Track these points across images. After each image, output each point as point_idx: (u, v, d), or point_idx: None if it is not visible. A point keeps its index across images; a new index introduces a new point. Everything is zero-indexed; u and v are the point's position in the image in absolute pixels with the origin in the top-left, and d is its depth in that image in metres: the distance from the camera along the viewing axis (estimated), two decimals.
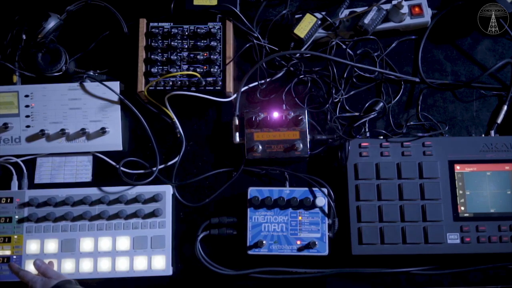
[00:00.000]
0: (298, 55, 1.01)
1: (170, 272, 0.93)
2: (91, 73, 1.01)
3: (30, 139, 0.98)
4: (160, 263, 0.93)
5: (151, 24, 0.99)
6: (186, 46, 0.98)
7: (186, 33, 0.98)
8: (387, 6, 0.99)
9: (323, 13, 0.99)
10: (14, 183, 0.98)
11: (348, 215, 0.92)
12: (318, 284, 0.93)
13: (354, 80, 1.01)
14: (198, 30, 0.98)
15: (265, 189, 0.93)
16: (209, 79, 0.97)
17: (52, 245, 0.94)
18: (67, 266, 0.93)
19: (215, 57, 0.97)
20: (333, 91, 0.99)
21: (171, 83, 0.97)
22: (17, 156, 0.99)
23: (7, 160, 0.99)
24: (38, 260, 0.90)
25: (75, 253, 0.94)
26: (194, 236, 0.94)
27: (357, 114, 0.99)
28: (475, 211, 0.91)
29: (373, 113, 0.99)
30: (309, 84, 1.01)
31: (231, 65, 0.99)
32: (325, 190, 0.93)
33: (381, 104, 0.99)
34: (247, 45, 1.01)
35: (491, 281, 0.92)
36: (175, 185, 0.98)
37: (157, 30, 0.98)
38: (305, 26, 0.98)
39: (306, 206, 0.92)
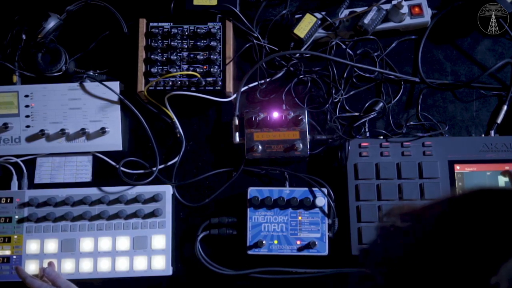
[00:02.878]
0: (298, 55, 1.01)
1: (170, 272, 0.93)
2: (91, 73, 1.01)
3: (30, 139, 0.98)
4: (160, 263, 0.93)
5: (151, 24, 0.99)
6: (186, 46, 0.98)
7: (186, 33, 0.98)
8: (387, 6, 0.99)
9: (323, 13, 0.99)
10: (14, 183, 0.97)
11: (348, 215, 0.92)
12: (318, 284, 0.93)
13: (354, 80, 1.01)
14: (198, 30, 0.98)
15: (265, 189, 0.93)
16: (209, 79, 0.97)
17: (52, 245, 0.94)
18: (67, 266, 0.93)
19: (215, 57, 0.97)
20: (333, 91, 0.99)
21: (171, 83, 0.97)
22: (17, 156, 0.99)
23: (7, 160, 0.99)
24: (48, 268, 0.90)
25: (75, 253, 0.94)
26: (194, 236, 0.94)
27: (357, 114, 0.99)
28: None
29: (373, 113, 0.99)
30: (309, 84, 1.01)
31: (231, 65, 0.99)
32: (325, 190, 0.93)
33: (381, 104, 0.99)
34: (247, 45, 1.01)
35: None
36: (175, 185, 0.98)
37: (157, 30, 0.98)
38: (305, 26, 0.98)
39: (306, 206, 0.92)
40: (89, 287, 0.93)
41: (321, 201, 0.92)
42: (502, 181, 0.92)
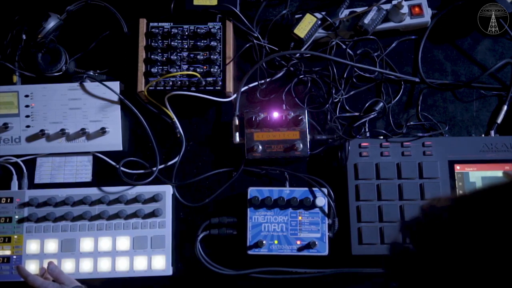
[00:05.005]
0: (298, 55, 1.01)
1: (170, 272, 0.93)
2: (91, 73, 1.01)
3: (30, 139, 0.98)
4: (160, 263, 0.93)
5: (151, 24, 0.99)
6: (186, 46, 0.98)
7: (186, 33, 0.98)
8: (387, 6, 0.99)
9: (323, 13, 0.99)
10: (14, 183, 0.98)
11: (348, 215, 0.92)
12: (318, 284, 0.93)
13: (354, 80, 1.01)
14: (198, 30, 0.98)
15: (265, 189, 0.93)
16: (209, 79, 0.97)
17: (52, 245, 0.94)
18: (67, 266, 0.93)
19: (215, 57, 0.97)
20: (333, 91, 0.99)
21: (171, 83, 0.97)
22: (17, 156, 0.99)
23: (7, 160, 0.99)
24: (51, 264, 0.90)
25: (75, 253, 0.94)
26: (194, 236, 0.94)
27: (357, 114, 0.99)
28: None
29: (373, 113, 0.99)
30: (309, 84, 1.01)
31: (231, 65, 0.99)
32: (325, 190, 0.93)
33: (381, 104, 0.99)
34: (247, 45, 1.01)
35: None
36: (175, 185, 0.98)
37: (157, 30, 0.98)
38: (305, 26, 0.98)
39: (306, 206, 0.92)
40: (89, 287, 0.93)
41: (321, 201, 0.92)
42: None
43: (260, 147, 0.95)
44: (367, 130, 0.98)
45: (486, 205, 0.44)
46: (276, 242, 0.91)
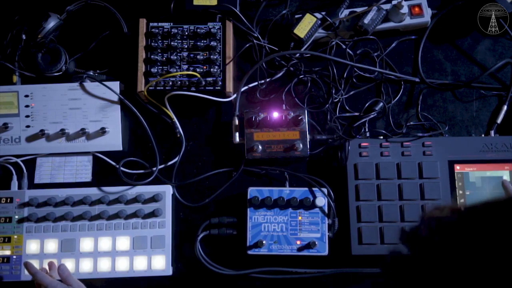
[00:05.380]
0: (298, 55, 1.01)
1: (170, 272, 0.93)
2: (91, 73, 1.01)
3: (30, 139, 0.98)
4: (160, 263, 0.93)
5: (151, 24, 0.99)
6: (186, 46, 0.98)
7: (186, 33, 0.98)
8: (387, 6, 0.99)
9: (323, 13, 0.99)
10: (14, 183, 0.98)
11: (348, 215, 0.92)
12: (318, 284, 0.93)
13: (354, 80, 1.01)
14: (198, 30, 0.98)
15: (265, 189, 0.93)
16: (209, 79, 0.97)
17: (52, 245, 0.94)
18: (67, 266, 0.92)
19: (215, 57, 0.97)
20: (333, 91, 0.99)
21: (171, 83, 0.97)
22: (17, 156, 0.99)
23: (7, 160, 0.99)
24: (62, 265, 0.90)
25: (75, 253, 0.94)
26: (194, 236, 0.94)
27: (357, 114, 0.99)
28: None
29: (373, 113, 0.99)
30: (309, 84, 1.01)
31: (231, 65, 0.99)
32: (325, 190, 0.93)
33: (381, 104, 0.99)
34: (247, 45, 1.01)
35: None
36: (175, 185, 0.98)
37: (157, 30, 0.98)
38: (305, 26, 0.98)
39: (306, 206, 0.92)
40: (89, 287, 0.93)
41: (321, 201, 0.92)
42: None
43: (260, 147, 0.95)
44: (367, 130, 0.98)
45: (488, 220, 0.44)
46: (276, 242, 0.91)
